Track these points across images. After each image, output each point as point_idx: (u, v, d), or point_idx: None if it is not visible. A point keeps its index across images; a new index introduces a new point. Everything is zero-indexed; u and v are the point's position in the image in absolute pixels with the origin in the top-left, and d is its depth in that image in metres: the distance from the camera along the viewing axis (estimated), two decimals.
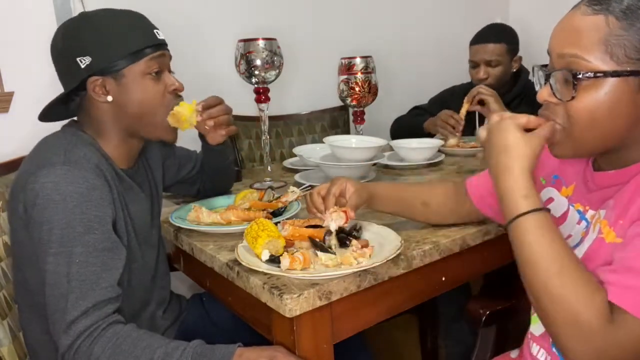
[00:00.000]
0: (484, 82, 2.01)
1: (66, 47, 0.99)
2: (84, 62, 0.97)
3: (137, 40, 1.00)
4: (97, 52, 0.97)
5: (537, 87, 0.79)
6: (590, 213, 0.80)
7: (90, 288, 0.87)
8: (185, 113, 1.07)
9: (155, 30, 1.03)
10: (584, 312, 0.64)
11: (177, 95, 1.08)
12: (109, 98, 1.00)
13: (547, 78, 0.74)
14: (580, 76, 0.69)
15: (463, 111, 1.92)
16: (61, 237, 0.88)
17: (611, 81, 0.68)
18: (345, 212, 0.95)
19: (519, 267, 0.71)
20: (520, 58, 2.10)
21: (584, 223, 0.81)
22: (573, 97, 0.70)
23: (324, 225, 0.95)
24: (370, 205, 1.06)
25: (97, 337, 0.85)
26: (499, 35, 2.01)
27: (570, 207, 0.85)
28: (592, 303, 0.64)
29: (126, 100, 1.01)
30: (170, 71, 1.08)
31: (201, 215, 1.15)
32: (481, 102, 1.88)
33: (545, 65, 0.78)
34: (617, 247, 0.71)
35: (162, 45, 1.04)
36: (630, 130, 0.71)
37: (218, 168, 1.33)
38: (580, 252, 0.78)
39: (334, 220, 0.94)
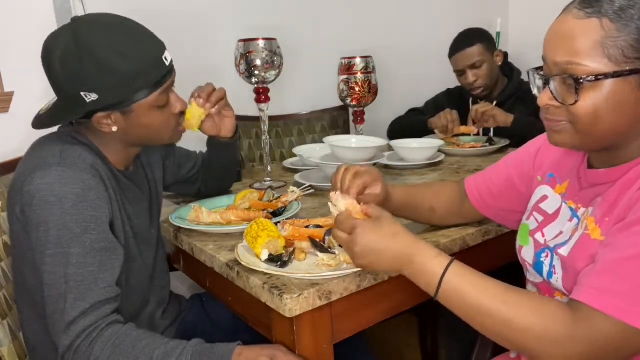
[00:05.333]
0: (475, 84, 2.03)
1: (68, 79, 0.93)
2: (90, 97, 0.92)
3: (147, 76, 0.95)
4: (104, 91, 0.92)
5: (534, 91, 0.79)
6: (581, 210, 0.81)
7: (88, 288, 0.87)
8: (197, 111, 1.11)
9: (164, 57, 0.98)
10: (547, 325, 0.67)
11: (182, 113, 1.08)
12: (114, 128, 0.98)
13: (546, 83, 0.74)
14: (582, 80, 0.69)
15: (463, 128, 1.96)
16: (58, 238, 0.88)
17: (612, 82, 0.69)
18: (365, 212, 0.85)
19: (469, 322, 0.74)
20: (502, 51, 2.13)
21: (575, 220, 0.82)
22: (577, 101, 0.71)
23: (332, 202, 0.89)
24: (382, 205, 1.04)
25: (96, 338, 0.85)
26: (471, 38, 2.04)
27: (563, 204, 0.86)
28: (547, 314, 0.68)
29: (133, 130, 1.00)
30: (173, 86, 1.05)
31: (201, 215, 1.15)
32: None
33: (540, 68, 0.78)
34: (600, 244, 0.73)
35: (170, 71, 1.00)
36: (632, 126, 0.72)
37: (228, 164, 1.33)
38: (568, 248, 0.79)
39: (341, 204, 0.87)
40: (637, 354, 0.68)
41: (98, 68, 0.91)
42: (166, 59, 0.99)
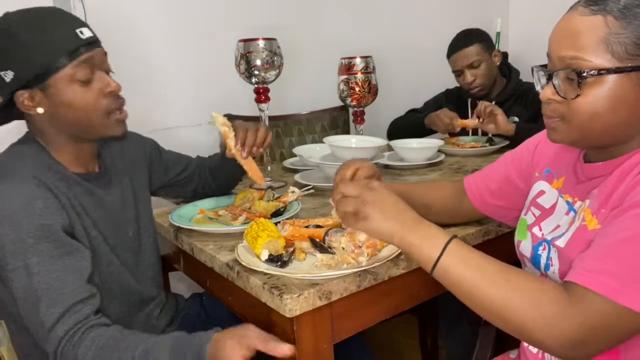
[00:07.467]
0: (473, 84, 2.02)
1: None
2: (8, 76, 0.92)
3: (57, 47, 0.93)
4: (17, 66, 0.92)
5: (537, 87, 0.80)
6: (578, 204, 0.82)
7: (58, 293, 0.87)
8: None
9: (78, 30, 0.95)
10: (541, 304, 0.67)
11: (116, 96, 1.01)
12: (39, 110, 0.96)
13: (549, 78, 0.76)
14: (585, 74, 0.70)
15: (463, 122, 1.95)
16: (13, 252, 0.87)
17: (614, 77, 0.70)
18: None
19: (466, 302, 0.74)
20: (500, 51, 2.12)
21: (572, 214, 0.82)
22: (578, 95, 0.72)
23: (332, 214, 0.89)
24: None
25: (78, 341, 0.85)
26: (468, 38, 2.04)
27: (559, 198, 0.86)
28: (542, 295, 0.68)
29: (57, 109, 0.96)
30: (109, 71, 1.02)
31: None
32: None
33: (544, 66, 0.79)
34: (596, 233, 0.73)
35: (88, 45, 0.96)
36: (630, 125, 0.73)
37: (237, 174, 1.33)
38: (565, 240, 0.79)
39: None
40: (631, 335, 0.68)
41: (9, 43, 0.92)
42: (82, 33, 0.95)
